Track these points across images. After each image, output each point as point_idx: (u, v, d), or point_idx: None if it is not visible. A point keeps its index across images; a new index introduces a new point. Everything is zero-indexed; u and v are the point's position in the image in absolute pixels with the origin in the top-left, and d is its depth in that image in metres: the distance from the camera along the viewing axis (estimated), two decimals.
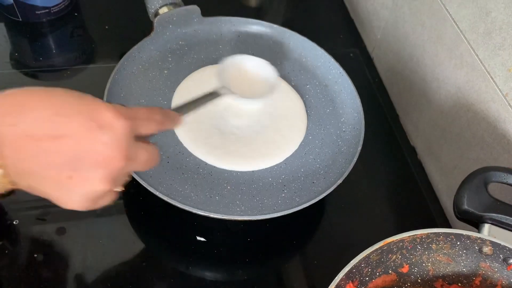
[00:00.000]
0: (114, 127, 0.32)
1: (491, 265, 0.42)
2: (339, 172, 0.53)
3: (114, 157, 0.32)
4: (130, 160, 0.34)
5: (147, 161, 0.36)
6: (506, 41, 0.49)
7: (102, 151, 0.32)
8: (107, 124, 0.32)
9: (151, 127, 0.36)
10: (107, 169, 0.33)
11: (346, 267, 0.38)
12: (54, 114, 0.31)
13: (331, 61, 0.64)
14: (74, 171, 0.32)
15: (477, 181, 0.45)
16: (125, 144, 0.33)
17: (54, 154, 0.31)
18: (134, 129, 0.34)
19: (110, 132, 0.32)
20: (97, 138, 0.32)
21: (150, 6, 0.63)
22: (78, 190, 0.33)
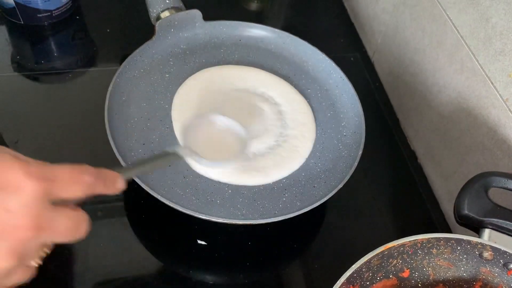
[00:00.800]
0: (22, 190, 0.28)
1: (492, 270, 0.42)
2: (340, 177, 0.54)
3: (20, 227, 0.28)
4: (43, 229, 0.29)
5: (67, 230, 0.31)
6: (506, 47, 0.49)
7: (6, 220, 0.27)
8: (13, 186, 0.28)
9: (75, 191, 0.31)
10: (11, 241, 0.28)
11: (347, 272, 0.38)
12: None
13: (332, 65, 0.64)
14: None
15: (477, 186, 0.45)
16: (34, 210, 0.28)
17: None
18: (51, 192, 0.29)
19: (16, 197, 0.28)
20: (1, 204, 0.27)
21: (152, 10, 0.64)
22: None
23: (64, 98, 0.65)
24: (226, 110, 0.57)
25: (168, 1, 0.63)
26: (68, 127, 0.61)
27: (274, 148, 0.57)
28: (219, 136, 0.48)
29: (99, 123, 0.53)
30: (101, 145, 0.52)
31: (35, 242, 0.29)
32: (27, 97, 0.65)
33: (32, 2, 0.69)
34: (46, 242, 0.31)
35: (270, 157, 0.55)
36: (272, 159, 0.55)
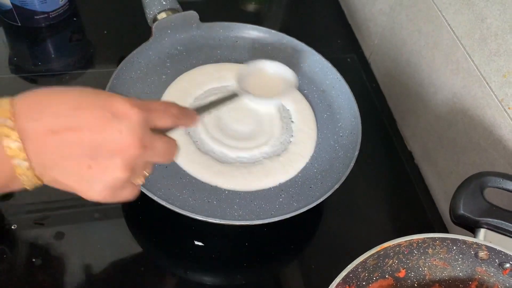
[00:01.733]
0: (129, 116, 0.34)
1: (487, 270, 0.42)
2: (336, 177, 0.54)
3: (129, 145, 0.34)
4: (147, 148, 0.35)
5: (165, 151, 0.37)
6: (501, 47, 0.49)
7: (118, 139, 0.33)
8: (121, 113, 0.34)
9: (167, 120, 0.37)
10: (124, 157, 0.34)
11: (343, 272, 0.39)
12: (71, 108, 0.33)
13: (329, 66, 0.65)
14: (93, 160, 0.33)
15: (473, 186, 0.45)
16: (140, 132, 0.34)
17: (73, 145, 0.33)
18: (150, 120, 0.35)
19: (125, 121, 0.33)
20: (112, 127, 0.33)
21: (148, 11, 0.64)
22: (98, 179, 0.34)
23: None
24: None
25: (165, 2, 0.63)
26: None
27: (276, 154, 0.57)
28: (269, 78, 0.55)
29: None
30: None
31: (141, 159, 0.35)
32: None
33: (29, 4, 0.69)
34: (148, 161, 0.37)
35: (271, 162, 0.56)
36: (274, 164, 0.56)
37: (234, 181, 0.53)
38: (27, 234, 0.52)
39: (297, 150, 0.57)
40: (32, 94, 0.34)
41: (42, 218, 0.53)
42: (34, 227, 0.52)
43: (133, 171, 0.35)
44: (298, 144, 0.58)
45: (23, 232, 0.52)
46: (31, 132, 0.32)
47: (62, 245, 0.52)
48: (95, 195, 0.35)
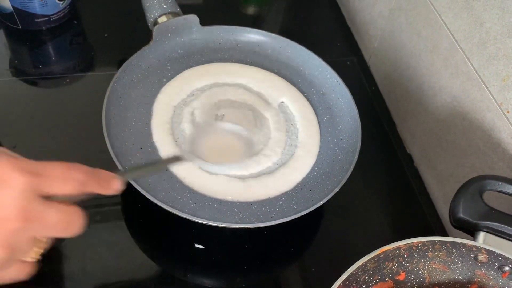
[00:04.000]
0: (10, 183, 0.29)
1: (487, 273, 0.42)
2: (336, 180, 0.54)
3: (8, 218, 0.29)
4: (32, 221, 0.30)
5: (60, 224, 0.31)
6: (500, 51, 0.50)
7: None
8: (0, 179, 0.29)
9: (65, 187, 0.32)
10: (0, 233, 0.29)
11: (343, 275, 0.39)
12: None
13: (328, 69, 0.65)
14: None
15: (472, 189, 0.45)
16: (22, 202, 0.29)
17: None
18: (39, 186, 0.30)
19: (3, 190, 0.29)
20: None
21: (149, 15, 0.64)
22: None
23: (62, 102, 0.66)
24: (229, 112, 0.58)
25: (165, 6, 0.64)
26: (66, 132, 0.62)
27: (280, 162, 0.57)
28: (224, 140, 0.48)
29: (96, 128, 0.53)
30: (98, 150, 0.52)
31: (25, 234, 0.30)
32: (25, 101, 0.65)
33: (30, 7, 0.69)
34: (37, 235, 0.32)
35: (275, 173, 0.56)
36: (277, 174, 0.55)
37: (238, 194, 0.53)
38: None
39: (297, 165, 0.57)
40: None
41: None
42: None
43: (14, 249, 0.30)
44: (300, 158, 0.57)
45: None
46: None
47: (62, 248, 0.52)
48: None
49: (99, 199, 0.56)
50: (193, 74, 0.63)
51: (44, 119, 0.63)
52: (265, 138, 0.58)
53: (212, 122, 0.49)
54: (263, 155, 0.56)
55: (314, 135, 0.60)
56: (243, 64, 0.66)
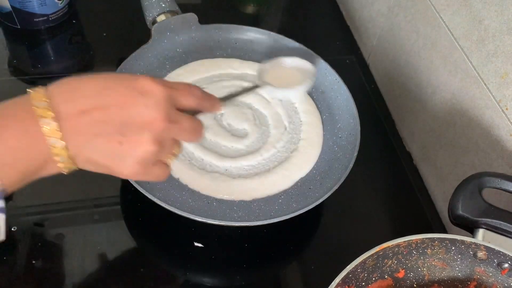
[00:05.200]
0: (154, 93, 0.36)
1: (486, 270, 0.43)
2: (335, 178, 0.54)
3: (155, 118, 0.35)
4: (173, 123, 0.36)
5: (191, 129, 0.38)
6: (499, 49, 0.50)
7: (145, 114, 0.35)
8: (146, 90, 0.36)
9: (190, 100, 0.39)
10: (151, 130, 0.36)
11: (342, 272, 0.39)
12: (99, 89, 0.35)
13: (327, 67, 0.65)
14: (123, 136, 0.35)
15: (471, 186, 0.45)
16: (165, 106, 0.36)
17: (104, 123, 0.35)
18: (174, 98, 0.37)
19: (150, 97, 0.35)
20: (139, 103, 0.35)
21: (148, 14, 0.64)
22: (129, 154, 0.36)
23: None
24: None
25: (164, 5, 0.64)
26: None
27: (283, 159, 0.57)
28: (288, 72, 0.56)
29: None
30: None
31: (169, 133, 0.37)
32: None
33: (28, 7, 0.69)
34: (176, 138, 0.38)
35: (279, 168, 0.56)
36: (280, 170, 0.56)
37: (240, 194, 0.53)
38: (27, 236, 0.52)
39: (298, 161, 0.57)
40: (65, 81, 0.36)
41: (42, 220, 0.53)
42: (34, 229, 0.53)
43: (162, 145, 0.37)
44: (302, 153, 0.58)
45: (23, 234, 0.52)
46: (64, 113, 0.34)
47: (62, 247, 0.52)
48: (128, 171, 0.37)
49: (99, 198, 0.57)
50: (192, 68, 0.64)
51: None
52: (264, 137, 0.58)
53: (278, 59, 0.57)
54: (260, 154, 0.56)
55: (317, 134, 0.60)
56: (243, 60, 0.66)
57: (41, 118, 0.33)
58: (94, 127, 0.35)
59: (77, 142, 0.35)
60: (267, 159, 0.56)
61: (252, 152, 0.56)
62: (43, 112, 0.33)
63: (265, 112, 0.61)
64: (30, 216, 0.54)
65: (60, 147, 0.34)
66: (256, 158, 0.56)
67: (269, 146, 0.57)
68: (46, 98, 0.34)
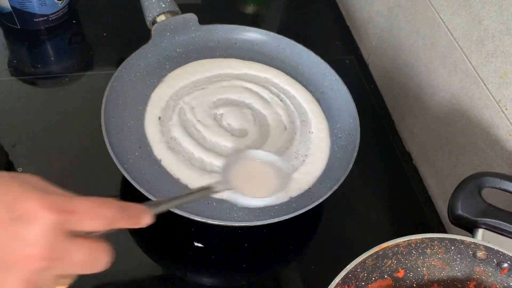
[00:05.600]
0: (37, 221, 0.28)
1: (485, 270, 0.43)
2: (335, 178, 0.54)
3: (32, 257, 0.28)
4: (57, 260, 0.29)
5: (84, 261, 0.31)
6: (498, 49, 0.50)
7: (18, 249, 0.28)
8: (28, 216, 0.28)
9: (94, 224, 0.30)
10: (23, 271, 0.28)
11: (342, 272, 0.39)
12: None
13: (327, 68, 0.65)
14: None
15: (471, 186, 0.45)
16: (48, 241, 0.28)
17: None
18: (67, 224, 0.29)
19: (30, 226, 0.28)
20: (13, 233, 0.28)
21: (147, 14, 0.64)
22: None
23: (61, 102, 0.66)
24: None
25: (164, 5, 0.64)
26: (65, 131, 0.62)
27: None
28: (259, 170, 0.46)
29: (95, 127, 0.53)
30: (97, 148, 0.53)
31: (49, 273, 0.29)
32: (24, 101, 0.65)
33: (28, 7, 0.69)
34: (61, 274, 0.30)
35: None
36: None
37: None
38: None
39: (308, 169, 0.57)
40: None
41: None
42: None
43: (38, 286, 0.29)
44: (310, 164, 0.57)
45: None
46: None
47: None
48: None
49: None
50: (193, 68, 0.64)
51: (43, 118, 0.63)
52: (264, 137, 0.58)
53: (244, 150, 0.48)
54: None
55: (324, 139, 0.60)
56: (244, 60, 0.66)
57: None
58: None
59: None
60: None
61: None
62: None
63: (265, 112, 0.61)
64: None
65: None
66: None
67: (269, 146, 0.57)
68: None
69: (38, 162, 0.58)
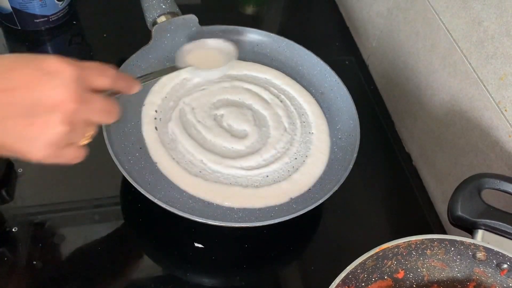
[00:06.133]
0: (62, 72, 0.35)
1: (485, 271, 0.43)
2: (335, 179, 0.54)
3: (65, 99, 0.34)
4: (84, 103, 0.36)
5: (104, 109, 0.38)
6: (498, 50, 0.50)
7: (53, 95, 0.34)
8: (54, 70, 0.35)
9: (103, 80, 0.38)
10: (61, 112, 0.35)
11: (342, 273, 0.39)
12: (5, 71, 0.34)
13: (327, 69, 0.65)
14: (31, 118, 0.34)
15: (470, 187, 0.45)
16: (74, 86, 0.35)
17: (10, 105, 0.34)
18: (85, 77, 0.36)
19: (58, 77, 0.34)
20: (46, 84, 0.34)
21: (148, 15, 0.64)
22: (39, 136, 0.35)
23: None
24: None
25: (164, 6, 0.64)
26: None
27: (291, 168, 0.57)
28: (210, 53, 0.57)
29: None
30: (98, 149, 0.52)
31: (80, 114, 0.36)
32: None
33: (29, 8, 0.69)
34: (88, 119, 0.37)
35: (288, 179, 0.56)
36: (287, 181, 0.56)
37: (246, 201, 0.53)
38: (28, 237, 0.52)
39: (308, 170, 0.57)
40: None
41: (42, 221, 0.53)
42: (35, 229, 0.53)
43: (73, 127, 0.36)
44: (310, 164, 0.57)
45: (23, 234, 0.52)
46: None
47: (63, 248, 0.52)
48: (37, 153, 0.36)
49: (99, 199, 0.57)
50: None
51: None
52: (264, 138, 0.58)
53: (200, 39, 0.58)
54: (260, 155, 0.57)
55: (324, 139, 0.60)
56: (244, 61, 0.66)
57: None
58: (1, 110, 0.34)
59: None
60: (273, 171, 0.56)
61: (252, 153, 0.57)
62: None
63: (265, 113, 0.61)
64: (30, 217, 0.54)
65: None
66: (256, 159, 0.56)
67: (269, 147, 0.57)
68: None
69: (38, 163, 0.58)
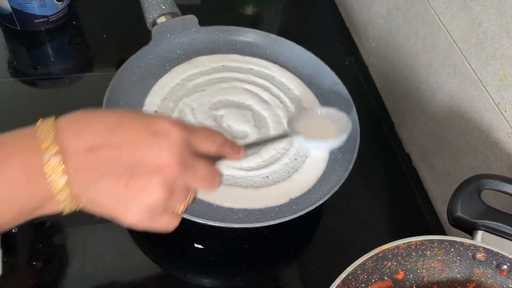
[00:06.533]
0: (170, 134, 0.33)
1: (485, 272, 0.43)
2: (335, 180, 0.54)
3: (168, 164, 0.33)
4: (187, 169, 0.34)
5: (206, 176, 0.35)
6: (497, 51, 0.50)
7: (157, 157, 0.32)
8: (162, 131, 0.33)
9: (210, 146, 0.36)
10: (162, 176, 0.33)
11: (342, 274, 0.39)
12: (111, 126, 0.33)
13: (327, 69, 0.65)
14: (130, 178, 0.32)
15: (470, 188, 0.45)
16: (180, 151, 0.33)
17: (112, 162, 0.32)
18: (191, 142, 0.34)
19: (165, 139, 0.33)
20: (152, 144, 0.33)
21: (148, 15, 0.64)
22: (135, 199, 0.33)
23: (61, 103, 0.66)
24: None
25: (164, 6, 0.64)
26: None
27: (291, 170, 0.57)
28: (321, 123, 0.54)
29: None
30: None
31: (181, 180, 0.34)
32: (24, 102, 0.65)
33: (29, 8, 0.69)
34: (189, 185, 0.35)
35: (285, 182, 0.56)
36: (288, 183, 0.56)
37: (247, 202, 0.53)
38: (28, 238, 0.52)
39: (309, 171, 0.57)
40: (75, 114, 0.34)
41: (42, 221, 0.53)
42: (35, 230, 0.53)
43: (172, 192, 0.34)
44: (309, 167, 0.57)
45: (23, 235, 0.52)
46: (71, 148, 0.31)
47: (63, 249, 0.52)
48: (132, 217, 0.34)
49: None
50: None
51: None
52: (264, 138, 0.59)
53: (312, 108, 0.57)
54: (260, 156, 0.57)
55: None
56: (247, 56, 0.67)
57: (45, 151, 0.31)
58: (101, 166, 0.32)
59: (82, 180, 0.32)
60: (273, 172, 0.56)
61: (252, 153, 0.57)
62: (48, 145, 0.31)
63: (265, 113, 0.61)
64: None
65: (62, 185, 0.31)
66: (255, 160, 0.56)
67: (269, 148, 0.57)
68: (53, 130, 0.32)
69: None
